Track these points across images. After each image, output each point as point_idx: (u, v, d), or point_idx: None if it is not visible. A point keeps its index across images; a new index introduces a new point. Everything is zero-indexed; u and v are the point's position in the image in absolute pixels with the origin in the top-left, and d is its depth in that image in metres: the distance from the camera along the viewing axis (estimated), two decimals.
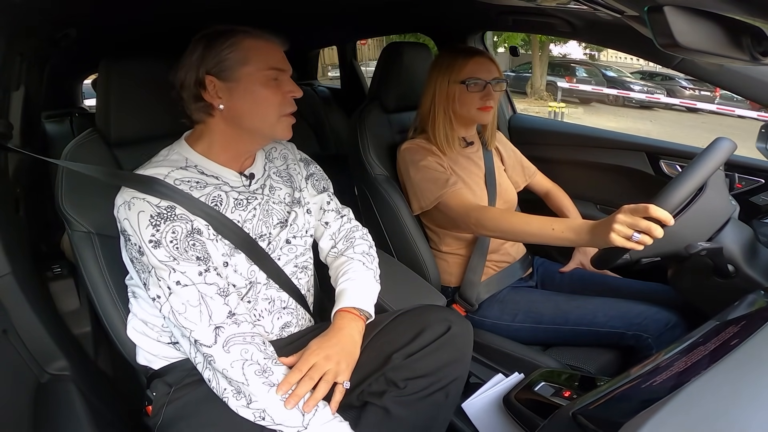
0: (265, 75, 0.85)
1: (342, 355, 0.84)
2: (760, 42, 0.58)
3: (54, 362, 0.92)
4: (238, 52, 0.84)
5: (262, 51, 0.86)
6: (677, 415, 0.47)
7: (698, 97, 11.01)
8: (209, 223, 0.84)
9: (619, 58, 15.58)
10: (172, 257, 0.79)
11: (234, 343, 0.79)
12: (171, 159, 0.88)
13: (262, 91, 0.85)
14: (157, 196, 0.81)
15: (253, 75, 0.85)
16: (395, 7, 1.66)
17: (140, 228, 0.79)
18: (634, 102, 11.22)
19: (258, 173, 0.95)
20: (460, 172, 1.29)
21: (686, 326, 1.12)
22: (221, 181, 0.89)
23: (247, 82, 0.85)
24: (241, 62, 0.84)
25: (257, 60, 0.85)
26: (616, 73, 12.45)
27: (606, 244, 0.90)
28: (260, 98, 0.86)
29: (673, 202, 0.87)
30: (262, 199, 0.93)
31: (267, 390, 0.78)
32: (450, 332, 0.88)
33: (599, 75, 12.17)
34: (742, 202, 1.21)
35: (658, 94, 11.21)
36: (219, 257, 0.85)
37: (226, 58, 0.84)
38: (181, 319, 0.79)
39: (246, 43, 0.85)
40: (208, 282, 0.81)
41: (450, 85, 1.25)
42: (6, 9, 0.89)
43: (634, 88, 11.51)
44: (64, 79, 2.92)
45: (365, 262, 1.02)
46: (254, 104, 0.86)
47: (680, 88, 11.61)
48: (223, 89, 0.85)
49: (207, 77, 0.84)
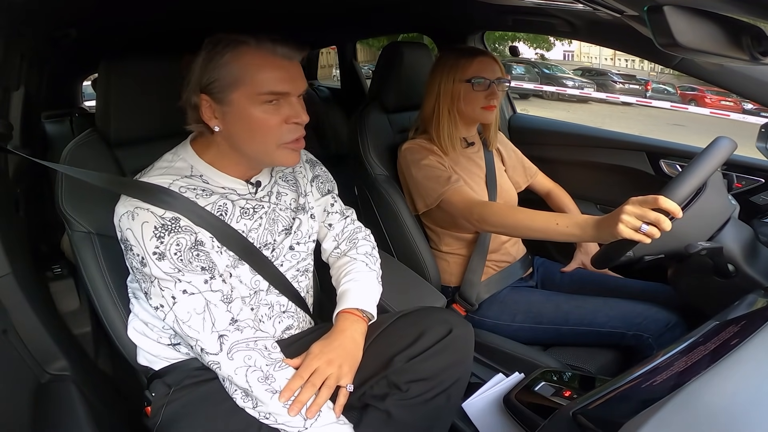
0: (260, 99, 0.77)
1: (344, 358, 0.84)
2: (760, 42, 0.58)
3: (54, 362, 0.91)
4: (233, 70, 0.76)
5: (261, 69, 0.77)
6: (677, 414, 0.47)
7: (628, 90, 12.10)
8: (213, 235, 0.82)
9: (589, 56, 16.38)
10: (176, 269, 0.78)
11: (237, 349, 0.79)
12: (176, 167, 0.85)
13: (257, 116, 0.78)
14: (161, 206, 0.78)
15: (247, 99, 0.77)
16: (395, 7, 1.66)
17: (144, 239, 0.77)
18: (568, 96, 11.85)
19: (265, 180, 0.92)
20: (461, 173, 1.29)
21: (686, 326, 1.12)
22: (227, 190, 0.87)
23: (239, 107, 0.77)
24: (235, 83, 0.76)
25: (253, 80, 0.76)
26: (551, 71, 13.14)
27: (613, 237, 0.87)
28: (254, 125, 0.78)
29: (682, 194, 0.86)
30: (269, 207, 0.91)
31: (270, 396, 0.78)
32: (451, 335, 0.87)
33: (533, 72, 12.76)
34: (742, 202, 1.21)
35: (587, 89, 11.94)
36: (223, 267, 0.84)
37: (219, 77, 0.76)
38: (185, 328, 0.79)
39: (244, 60, 0.76)
40: (214, 289, 0.80)
41: (455, 84, 1.25)
42: (6, 9, 0.89)
43: (567, 83, 12.10)
44: (64, 79, 2.92)
45: (368, 263, 1.02)
46: (248, 131, 0.79)
47: (611, 83, 12.45)
48: (218, 110, 0.79)
49: (202, 96, 0.78)
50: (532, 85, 11.83)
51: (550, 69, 13.20)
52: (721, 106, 10.56)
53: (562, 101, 11.61)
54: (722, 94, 10.95)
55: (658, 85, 12.69)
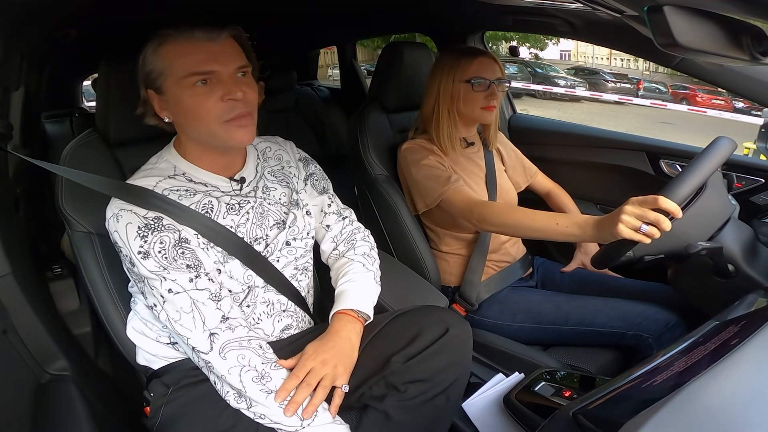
0: (186, 83, 0.79)
1: (339, 359, 0.84)
2: (760, 42, 0.58)
3: (54, 362, 0.92)
4: (158, 62, 0.80)
5: (182, 54, 0.79)
6: (677, 414, 0.47)
7: (620, 89, 12.35)
8: (198, 232, 0.83)
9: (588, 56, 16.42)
10: (161, 267, 0.79)
11: (230, 349, 0.79)
12: (159, 167, 0.87)
13: (188, 100, 0.79)
14: (144, 207, 0.80)
15: (175, 85, 0.79)
16: (395, 7, 1.66)
17: (129, 240, 0.79)
18: (560, 95, 12.04)
19: (249, 176, 0.93)
20: (461, 173, 1.29)
21: (686, 326, 1.12)
22: (211, 187, 0.88)
23: (173, 94, 0.80)
24: (163, 74, 0.80)
25: (176, 67, 0.79)
26: (544, 70, 13.32)
27: (613, 237, 0.88)
28: (189, 108, 0.80)
29: (682, 194, 0.86)
30: (256, 201, 0.92)
31: (265, 397, 0.78)
32: (448, 334, 0.87)
33: (525, 71, 12.87)
34: (742, 202, 1.21)
35: (579, 88, 12.14)
36: (211, 264, 0.84)
37: (151, 70, 0.80)
38: (177, 327, 0.79)
39: (164, 50, 0.79)
40: (200, 288, 0.80)
41: (455, 84, 1.25)
42: (6, 9, 0.89)
43: (559, 83, 12.28)
44: (64, 79, 2.92)
45: (366, 264, 1.02)
46: (187, 115, 0.81)
47: (603, 82, 12.65)
48: (162, 102, 0.82)
49: (148, 91, 0.82)
50: (520, 84, 11.99)
51: (543, 68, 13.37)
52: (713, 105, 10.70)
53: (554, 100, 11.75)
54: (713, 93, 11.07)
55: (650, 84, 12.80)
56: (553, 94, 11.88)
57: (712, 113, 9.50)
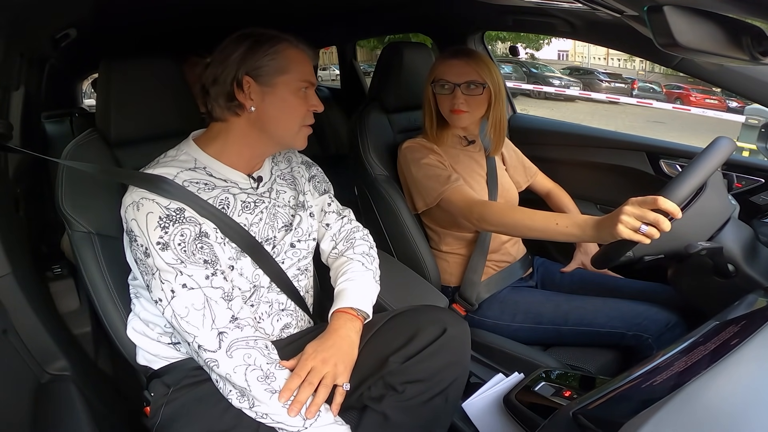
0: (298, 86, 0.88)
1: (339, 357, 0.84)
2: (760, 42, 0.58)
3: (54, 362, 0.92)
4: (279, 60, 0.86)
5: (299, 62, 0.89)
6: (677, 414, 0.47)
7: (614, 89, 12.40)
8: (217, 226, 0.84)
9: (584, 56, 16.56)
10: (179, 260, 0.79)
11: (237, 347, 0.79)
12: (180, 159, 0.88)
13: (292, 101, 0.88)
14: (166, 196, 0.80)
15: (289, 84, 0.87)
16: (395, 7, 1.66)
17: (148, 229, 0.79)
18: (554, 94, 12.06)
19: (266, 176, 0.95)
20: (461, 171, 1.28)
21: (686, 326, 1.12)
22: (229, 183, 0.89)
23: (282, 90, 0.87)
24: (281, 70, 0.86)
25: (295, 70, 0.88)
26: (539, 70, 13.41)
27: (612, 237, 0.88)
28: (289, 107, 0.88)
29: (681, 195, 0.86)
30: (269, 202, 0.94)
31: (269, 396, 0.78)
32: (446, 334, 0.87)
33: (520, 71, 12.93)
34: (742, 202, 1.21)
35: (573, 87, 12.15)
36: (225, 260, 0.85)
37: (267, 64, 0.86)
38: (183, 323, 0.79)
39: (287, 53, 0.87)
40: (215, 286, 0.80)
41: (428, 84, 1.27)
42: (6, 9, 0.89)
43: (554, 82, 12.33)
44: (64, 79, 2.92)
45: (364, 263, 1.02)
46: (282, 112, 0.88)
47: (598, 81, 12.71)
48: (257, 92, 0.86)
49: (245, 78, 0.85)
50: (512, 83, 12.05)
51: (538, 68, 13.45)
52: (707, 104, 10.74)
53: (548, 99, 11.81)
54: (707, 92, 11.10)
55: (645, 84, 12.83)
56: (547, 93, 11.98)
57: (695, 111, 9.58)
